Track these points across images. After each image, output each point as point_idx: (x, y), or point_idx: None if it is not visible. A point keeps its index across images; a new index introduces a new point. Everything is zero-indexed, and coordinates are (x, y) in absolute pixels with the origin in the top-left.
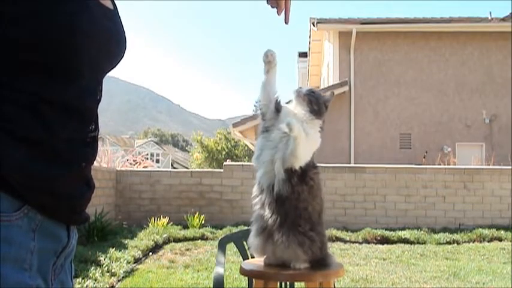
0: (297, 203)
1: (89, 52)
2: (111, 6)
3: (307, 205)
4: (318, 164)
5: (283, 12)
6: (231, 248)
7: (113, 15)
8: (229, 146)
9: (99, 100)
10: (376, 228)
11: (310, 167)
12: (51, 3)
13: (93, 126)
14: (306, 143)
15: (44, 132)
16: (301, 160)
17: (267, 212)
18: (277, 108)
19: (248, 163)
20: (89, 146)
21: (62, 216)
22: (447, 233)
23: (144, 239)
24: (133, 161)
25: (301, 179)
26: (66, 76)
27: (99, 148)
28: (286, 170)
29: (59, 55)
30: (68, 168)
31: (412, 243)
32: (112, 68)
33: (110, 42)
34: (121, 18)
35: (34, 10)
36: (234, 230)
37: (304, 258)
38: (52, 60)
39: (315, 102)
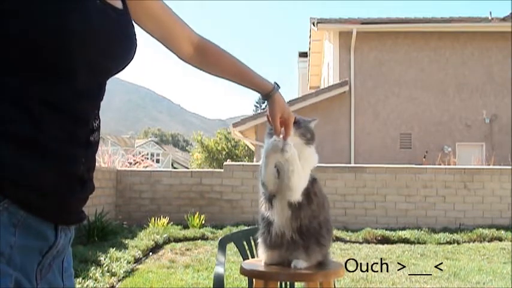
0: (313, 219)
1: (83, 52)
2: (119, 5)
3: (319, 214)
4: (318, 164)
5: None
6: (231, 248)
7: (118, 15)
8: (230, 146)
9: (98, 101)
10: (376, 228)
11: (310, 182)
12: (39, 2)
13: (91, 128)
14: (302, 172)
15: (31, 129)
16: (298, 192)
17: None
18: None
19: (248, 163)
20: (84, 147)
21: (48, 215)
22: (447, 233)
23: (144, 239)
24: (134, 160)
25: (308, 199)
26: (57, 76)
27: (100, 148)
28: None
29: (49, 55)
30: (56, 166)
31: (412, 243)
32: (118, 70)
33: (111, 43)
34: (131, 18)
35: (22, 9)
36: (234, 229)
37: (318, 261)
38: (42, 60)
39: (306, 131)
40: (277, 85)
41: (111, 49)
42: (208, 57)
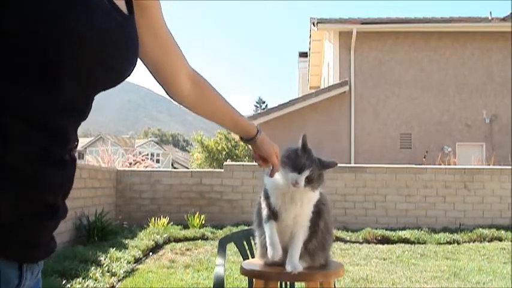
0: (318, 229)
1: (77, 57)
2: (125, 11)
3: (326, 221)
4: None
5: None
6: (231, 248)
7: (125, 20)
8: (230, 146)
9: (82, 119)
10: (376, 228)
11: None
12: None
13: (67, 149)
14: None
15: None
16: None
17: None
18: None
19: (248, 163)
20: (60, 170)
21: (11, 254)
22: (447, 233)
23: (144, 239)
24: (134, 160)
25: (318, 216)
26: (42, 83)
27: (100, 148)
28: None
29: (36, 55)
30: (24, 193)
31: (412, 243)
32: (111, 85)
33: (112, 51)
34: (136, 27)
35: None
36: (235, 229)
37: (321, 264)
38: (29, 64)
39: (317, 183)
40: (258, 127)
41: (110, 57)
42: (204, 94)
